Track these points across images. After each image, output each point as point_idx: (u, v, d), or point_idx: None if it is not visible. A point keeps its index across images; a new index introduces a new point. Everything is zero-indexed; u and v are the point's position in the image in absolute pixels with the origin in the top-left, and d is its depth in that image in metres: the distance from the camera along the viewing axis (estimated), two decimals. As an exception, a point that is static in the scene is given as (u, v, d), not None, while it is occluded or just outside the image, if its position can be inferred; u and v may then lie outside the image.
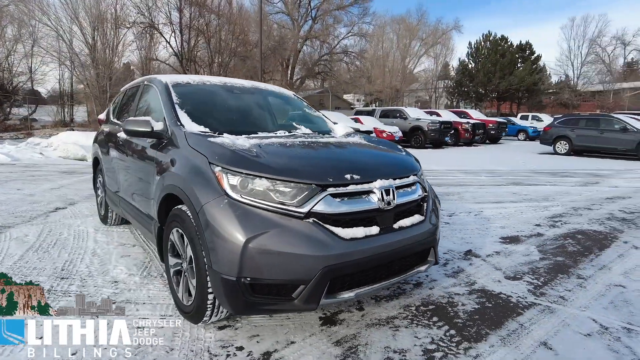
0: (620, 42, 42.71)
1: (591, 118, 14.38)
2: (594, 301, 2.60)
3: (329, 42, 33.71)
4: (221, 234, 1.87)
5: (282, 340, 2.12)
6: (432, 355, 1.99)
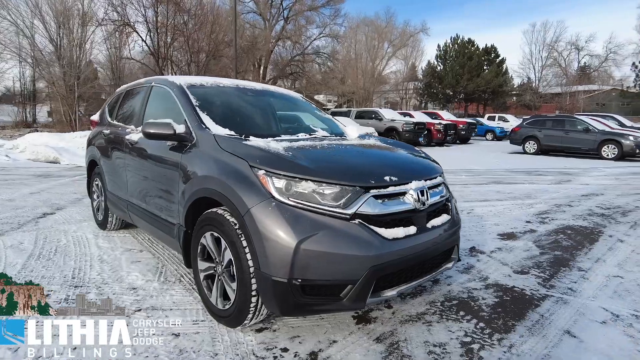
0: (574, 47, 45.37)
1: (557, 119, 15.21)
2: (599, 291, 2.80)
3: (300, 43, 33.75)
4: (272, 236, 1.88)
5: (324, 340, 2.16)
6: (470, 347, 2.10)
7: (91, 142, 4.30)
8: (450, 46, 38.39)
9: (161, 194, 2.80)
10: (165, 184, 2.73)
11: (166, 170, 2.71)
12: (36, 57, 17.10)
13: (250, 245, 1.97)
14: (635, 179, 8.59)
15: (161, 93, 3.23)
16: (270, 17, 33.28)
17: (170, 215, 2.71)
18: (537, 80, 43.77)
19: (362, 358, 1.99)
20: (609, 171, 9.98)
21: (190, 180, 2.43)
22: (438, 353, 2.04)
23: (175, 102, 2.93)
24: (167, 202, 2.72)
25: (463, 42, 37.85)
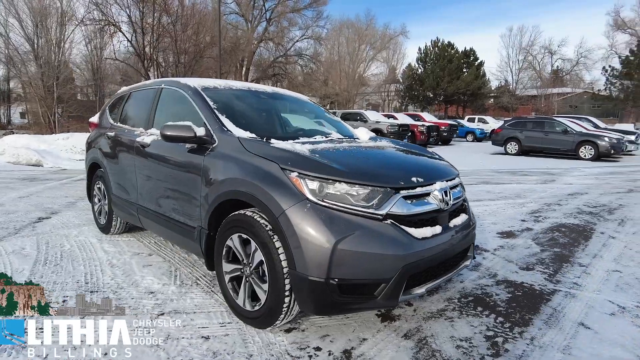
0: (547, 51, 47.07)
1: (537, 121, 15.74)
2: (602, 285, 2.95)
3: (283, 45, 33.78)
4: (309, 237, 1.92)
5: (353, 338, 2.20)
6: (495, 340, 2.19)
7: (92, 144, 4.21)
8: (431, 49, 39.13)
9: (179, 197, 2.79)
10: (184, 187, 2.73)
11: (186, 173, 2.70)
12: (11, 55, 16.50)
13: (285, 246, 2.00)
14: (613, 179, 8.99)
15: (173, 95, 3.21)
16: (252, 18, 33.22)
17: (190, 219, 2.70)
18: (514, 83, 45.14)
19: (395, 354, 2.05)
20: (588, 171, 10.41)
21: (214, 183, 2.44)
22: (466, 347, 2.12)
23: (190, 104, 2.92)
24: (187, 205, 2.72)
25: (443, 45, 38.65)
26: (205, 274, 3.07)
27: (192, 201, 2.66)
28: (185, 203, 2.74)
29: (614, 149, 13.36)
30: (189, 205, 2.70)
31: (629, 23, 42.87)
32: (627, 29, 42.95)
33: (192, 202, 2.65)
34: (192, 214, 2.68)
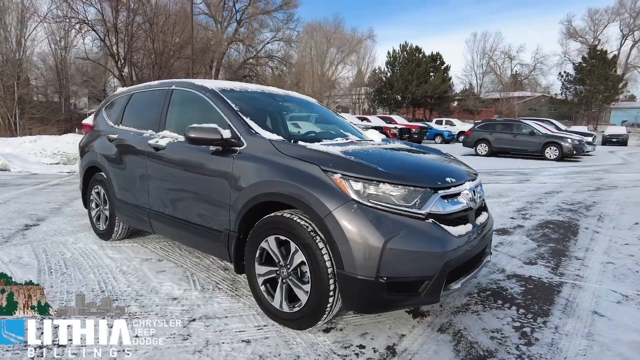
0: (507, 56, 49.48)
1: (506, 123, 16.50)
2: (602, 276, 3.18)
3: (253, 46, 33.55)
4: (358, 237, 1.97)
5: (392, 334, 2.27)
6: (523, 330, 2.32)
7: (87, 147, 4.05)
8: (400, 53, 40.03)
9: (202, 200, 2.75)
10: (209, 190, 2.69)
11: (211, 176, 2.67)
12: (-35, 53, 15.40)
13: (331, 247, 2.04)
14: (580, 177, 9.60)
15: (188, 97, 3.16)
16: (222, 19, 32.78)
17: (215, 222, 2.67)
18: (478, 87, 47.01)
19: (437, 348, 2.13)
20: (556, 171, 11.04)
21: (247, 186, 2.42)
22: (499, 338, 2.24)
23: (210, 106, 2.89)
24: (211, 208, 2.68)
25: (411, 49, 39.66)
26: (224, 278, 3.04)
27: (218, 204, 2.63)
28: (210, 206, 2.70)
29: (576, 150, 14.24)
30: (214, 208, 2.67)
31: (580, 32, 46.02)
32: (579, 37, 46.04)
33: (218, 205, 2.62)
34: (218, 217, 2.64)
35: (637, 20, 42.58)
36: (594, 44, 41.46)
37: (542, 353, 2.09)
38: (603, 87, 35.84)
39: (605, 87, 35.98)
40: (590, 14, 44.81)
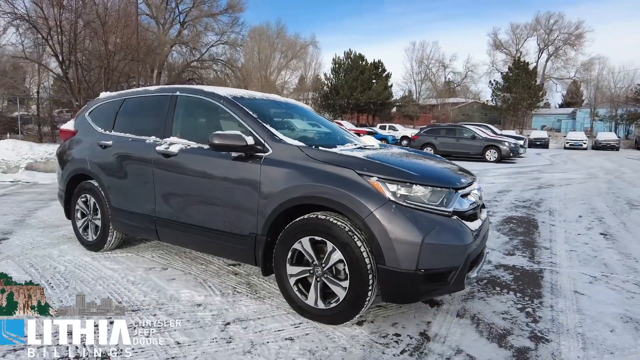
0: (441, 64, 52.85)
1: (449, 128, 17.71)
2: (570, 262, 3.67)
3: (198, 49, 32.64)
4: (399, 234, 2.17)
5: (419, 322, 2.49)
6: (527, 310, 2.66)
7: (69, 155, 3.85)
8: (344, 60, 41.12)
9: (225, 206, 2.78)
10: (233, 195, 2.73)
11: (235, 182, 2.72)
12: None
13: (372, 244, 2.22)
14: (521, 177, 10.65)
15: (197, 103, 3.17)
16: (165, 21, 31.56)
17: (240, 227, 2.73)
18: (417, 93, 49.64)
19: (463, 330, 2.39)
20: (500, 172, 12.12)
21: (278, 190, 2.52)
22: (509, 318, 2.56)
23: (226, 113, 2.94)
24: (236, 213, 2.73)
25: (355, 56, 40.90)
26: (239, 283, 3.08)
27: (243, 209, 2.69)
28: (234, 211, 2.75)
29: (512, 152, 15.70)
30: (238, 213, 2.73)
31: (505, 44, 50.42)
32: (504, 49, 50.43)
33: (244, 209, 2.69)
34: (243, 221, 2.70)
35: (550, 36, 47.68)
36: (517, 55, 45.71)
37: (548, 327, 2.43)
38: (527, 95, 39.61)
39: (529, 95, 39.81)
40: (512, 28, 49.30)
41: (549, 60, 48.77)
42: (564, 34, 46.77)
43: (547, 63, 48.83)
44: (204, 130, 3.17)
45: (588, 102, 46.99)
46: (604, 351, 2.18)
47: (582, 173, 11.80)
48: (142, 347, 2.17)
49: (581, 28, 45.51)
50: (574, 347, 2.22)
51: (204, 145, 2.93)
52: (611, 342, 2.27)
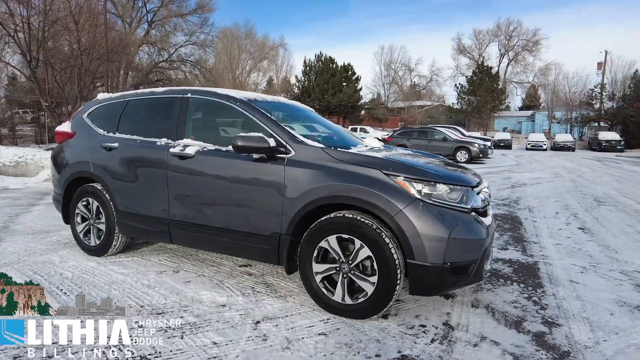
0: (407, 68, 54.27)
1: (421, 130, 18.27)
2: (559, 254, 3.96)
3: (166, 49, 31.86)
4: (428, 230, 2.30)
5: (440, 314, 2.64)
6: (533, 299, 2.87)
7: (68, 158, 3.75)
8: (315, 62, 41.38)
9: (247, 207, 2.82)
10: (256, 196, 2.77)
11: (258, 183, 2.76)
12: None
13: (402, 240, 2.34)
14: (494, 177, 11.18)
15: (211, 106, 3.20)
16: (131, 20, 30.61)
17: (262, 227, 2.77)
18: (386, 96, 50.69)
19: (482, 319, 2.56)
20: (472, 171, 12.63)
21: (304, 191, 2.59)
22: (520, 306, 2.76)
23: (244, 116, 2.99)
24: (259, 213, 2.77)
25: (326, 59, 41.24)
26: (256, 282, 3.12)
27: (266, 209, 2.74)
28: (256, 211, 2.79)
29: (482, 153, 16.41)
30: (261, 214, 2.77)
31: (468, 49, 52.46)
32: (467, 53, 52.45)
33: (267, 210, 2.74)
34: (266, 221, 2.75)
35: (510, 42, 50.13)
36: (480, 60, 47.72)
37: (556, 314, 2.64)
38: (490, 98, 41.42)
39: (492, 98, 41.65)
40: (475, 33, 51.45)
41: (509, 65, 51.20)
42: (523, 40, 49.36)
43: (508, 68, 51.25)
44: (220, 132, 3.20)
45: (545, 106, 49.80)
46: (610, 332, 2.41)
47: (548, 173, 12.52)
48: (179, 348, 2.18)
49: (538, 35, 48.23)
50: (583, 329, 2.43)
51: (222, 147, 2.96)
52: (613, 324, 2.51)
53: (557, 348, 2.23)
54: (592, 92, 37.74)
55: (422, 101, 55.00)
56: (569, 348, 2.22)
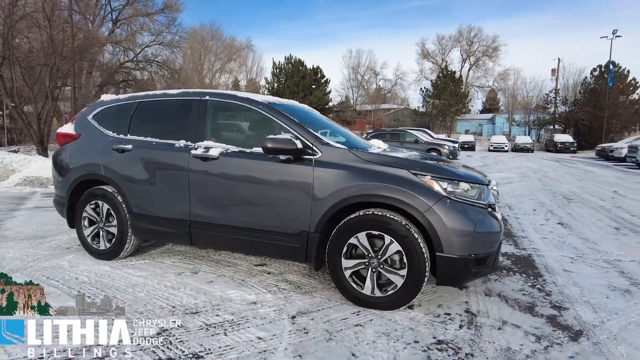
0: (373, 72, 55.42)
1: (394, 133, 18.82)
2: (547, 247, 4.31)
3: (132, 49, 30.85)
4: (456, 225, 2.50)
5: (459, 302, 2.85)
6: (537, 287, 3.14)
7: (74, 161, 3.68)
8: (285, 65, 41.41)
9: (276, 206, 2.90)
10: (285, 196, 2.87)
11: (287, 183, 2.85)
12: None
13: (432, 234, 2.52)
14: (467, 177, 11.71)
15: (233, 109, 3.29)
16: (94, 17, 29.39)
17: (290, 226, 2.88)
18: (354, 99, 51.48)
19: (498, 306, 2.79)
20: (446, 172, 13.17)
21: (334, 190, 2.72)
22: (527, 293, 3.02)
23: (267, 119, 3.09)
24: (288, 213, 2.87)
25: (296, 61, 41.37)
26: (278, 280, 3.21)
27: (296, 208, 2.84)
28: (285, 212, 2.89)
29: (451, 155, 17.10)
30: (289, 213, 2.87)
31: (432, 54, 54.28)
32: (431, 58, 54.24)
33: (296, 209, 2.84)
34: (294, 220, 2.86)
35: (471, 47, 52.37)
36: (443, 65, 49.53)
37: (561, 298, 2.92)
38: (454, 102, 43.10)
39: (456, 102, 43.36)
40: (438, 39, 53.27)
41: (470, 70, 53.41)
42: (483, 46, 51.63)
43: (469, 72, 53.45)
44: (243, 135, 3.27)
45: (504, 109, 52.39)
46: (610, 312, 2.71)
47: (515, 173, 13.27)
48: (227, 344, 2.24)
49: (497, 41, 50.60)
50: (588, 311, 2.72)
51: (246, 149, 3.04)
52: (612, 306, 2.82)
53: (570, 328, 2.48)
54: (548, 96, 40.24)
55: (389, 104, 56.34)
56: (581, 327, 2.49)
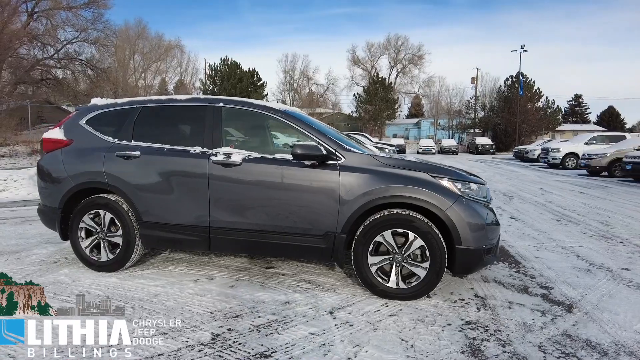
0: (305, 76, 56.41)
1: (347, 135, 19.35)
2: (512, 238, 4.94)
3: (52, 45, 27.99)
4: (472, 220, 2.87)
5: (467, 288, 3.24)
6: (522, 272, 3.65)
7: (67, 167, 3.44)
8: (221, 66, 40.46)
9: (303, 209, 3.05)
10: (312, 199, 3.03)
11: (315, 187, 3.02)
12: None
13: (452, 229, 2.86)
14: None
15: (250, 116, 3.35)
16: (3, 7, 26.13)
17: (317, 228, 3.04)
18: (290, 103, 51.85)
19: (502, 289, 3.22)
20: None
21: (361, 193, 2.95)
22: (516, 278, 3.50)
23: (288, 126, 3.24)
24: (315, 215, 3.03)
25: (231, 64, 40.61)
26: (298, 281, 3.34)
27: (323, 210, 3.02)
28: (311, 214, 3.05)
29: (394, 157, 18.15)
30: (315, 215, 3.04)
31: (362, 60, 56.63)
32: (361, 65, 56.57)
33: (323, 212, 3.02)
34: (320, 223, 3.04)
35: (399, 55, 55.65)
36: (373, 71, 52.01)
37: (544, 280, 3.45)
38: (385, 107, 45.47)
39: (387, 107, 45.78)
40: (368, 46, 55.72)
41: (398, 77, 56.64)
42: (409, 54, 55.08)
43: (397, 79, 56.67)
44: (263, 141, 3.36)
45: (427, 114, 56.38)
46: (585, 288, 3.27)
47: (452, 173, 14.50)
48: (287, 342, 2.35)
49: (422, 50, 54.31)
50: (569, 289, 3.26)
51: (268, 155, 3.15)
52: (584, 283, 3.40)
53: (562, 303, 2.98)
54: (469, 102, 44.22)
55: (324, 108, 57.61)
56: (570, 302, 3.00)
